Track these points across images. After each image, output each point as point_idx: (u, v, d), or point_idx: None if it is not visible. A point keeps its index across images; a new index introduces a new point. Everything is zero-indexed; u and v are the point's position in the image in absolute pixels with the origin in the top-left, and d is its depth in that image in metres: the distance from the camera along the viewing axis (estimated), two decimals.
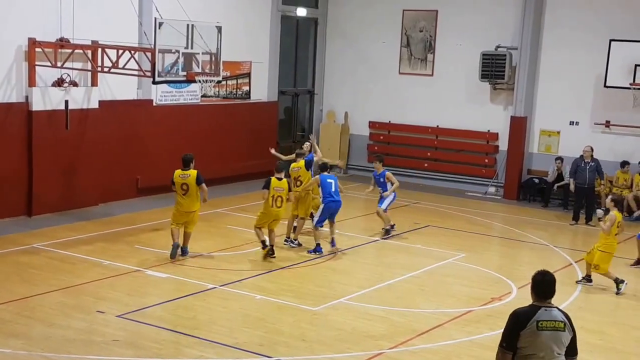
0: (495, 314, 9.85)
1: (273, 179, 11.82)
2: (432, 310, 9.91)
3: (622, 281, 11.03)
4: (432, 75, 19.64)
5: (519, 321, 5.19)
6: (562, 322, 5.20)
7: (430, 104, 19.63)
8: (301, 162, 13.02)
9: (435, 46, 19.53)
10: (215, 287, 10.40)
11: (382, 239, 13.58)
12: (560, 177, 17.38)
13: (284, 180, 11.87)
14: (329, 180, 12.39)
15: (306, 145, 14.09)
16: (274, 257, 11.81)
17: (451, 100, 19.32)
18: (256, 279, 10.95)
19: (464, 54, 18.87)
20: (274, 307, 9.75)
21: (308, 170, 12.97)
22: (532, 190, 18.18)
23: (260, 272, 11.25)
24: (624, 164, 16.74)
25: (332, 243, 12.45)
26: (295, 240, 12.67)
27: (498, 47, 18.38)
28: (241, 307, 9.78)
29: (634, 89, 16.21)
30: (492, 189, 18.79)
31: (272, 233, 11.94)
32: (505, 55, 18.10)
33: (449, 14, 19.27)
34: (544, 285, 5.26)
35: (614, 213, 11.02)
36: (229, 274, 11.07)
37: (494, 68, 18.18)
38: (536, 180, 18.15)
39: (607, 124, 17.35)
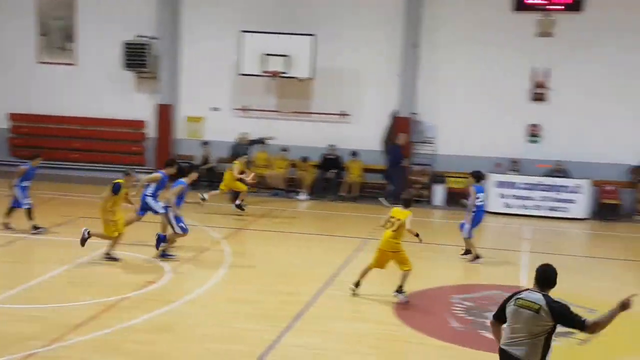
0: (150, 297, 10.20)
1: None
2: (86, 302, 9.86)
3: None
4: (75, 64, 19.16)
5: (508, 297, 5.85)
6: (537, 304, 5.57)
7: (75, 94, 19.17)
8: None
9: (76, 35, 19.06)
10: None
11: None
12: (207, 160, 18.39)
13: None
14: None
15: None
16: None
17: (97, 89, 19.11)
18: None
19: (107, 43, 18.77)
20: None
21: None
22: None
23: None
24: (260, 141, 18.32)
25: None
26: None
27: (139, 36, 18.65)
28: None
29: (265, 76, 17.90)
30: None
31: None
32: (146, 44, 18.45)
33: (88, 3, 18.96)
34: (537, 274, 5.78)
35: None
36: None
37: (137, 57, 18.44)
38: (186, 165, 18.91)
39: (244, 108, 18.86)
